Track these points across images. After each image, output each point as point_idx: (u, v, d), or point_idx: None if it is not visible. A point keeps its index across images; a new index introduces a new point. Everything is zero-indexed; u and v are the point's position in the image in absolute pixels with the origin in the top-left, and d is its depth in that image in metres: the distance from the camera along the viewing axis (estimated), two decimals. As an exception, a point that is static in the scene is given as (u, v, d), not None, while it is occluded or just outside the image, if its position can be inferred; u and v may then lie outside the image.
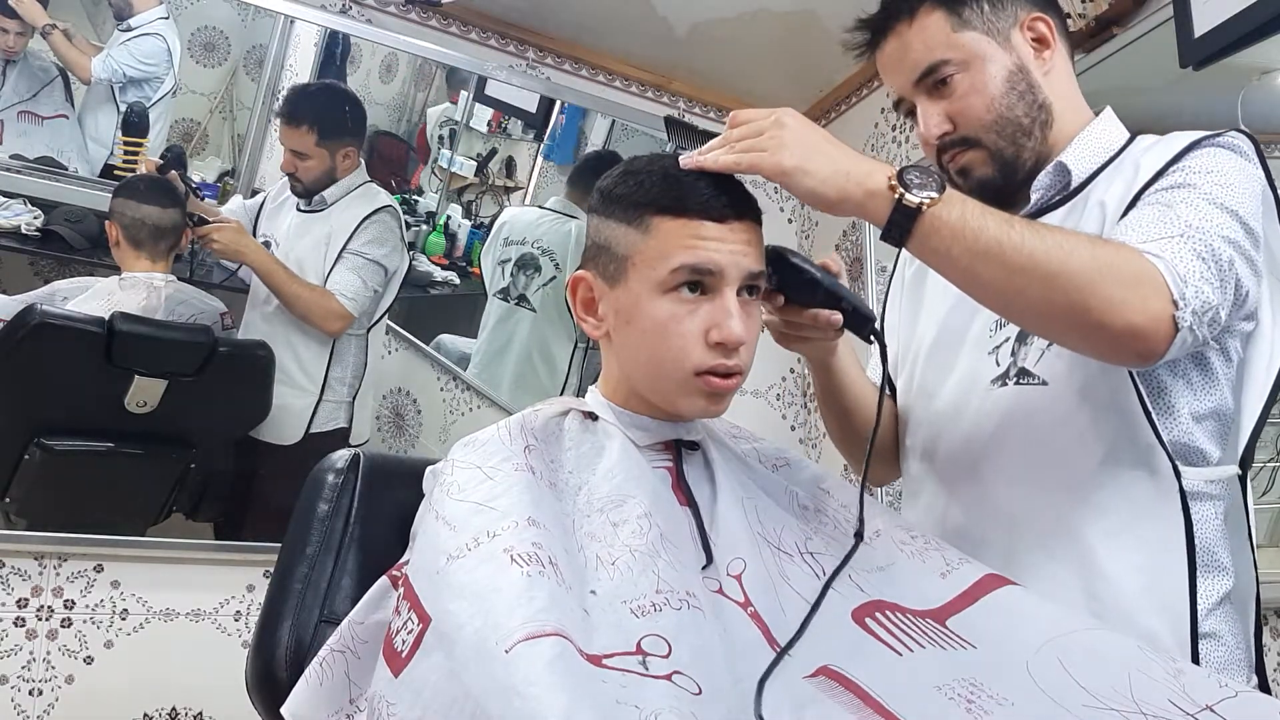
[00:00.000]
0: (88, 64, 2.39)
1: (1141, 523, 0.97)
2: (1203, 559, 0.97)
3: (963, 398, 1.09)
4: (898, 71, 1.09)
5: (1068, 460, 1.00)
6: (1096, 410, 0.98)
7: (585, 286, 0.97)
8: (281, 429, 2.22)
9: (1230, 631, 0.98)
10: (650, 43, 2.43)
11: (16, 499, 1.96)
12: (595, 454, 0.93)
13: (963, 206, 0.87)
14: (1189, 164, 0.95)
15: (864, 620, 0.86)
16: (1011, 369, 1.04)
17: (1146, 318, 0.84)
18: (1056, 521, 1.00)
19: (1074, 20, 1.81)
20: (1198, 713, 0.72)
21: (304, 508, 1.04)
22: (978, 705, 0.75)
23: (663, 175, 0.93)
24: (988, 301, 0.91)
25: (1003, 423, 1.04)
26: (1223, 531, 0.99)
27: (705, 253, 0.89)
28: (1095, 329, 0.85)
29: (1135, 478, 0.97)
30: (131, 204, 2.04)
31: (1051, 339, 0.95)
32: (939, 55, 1.05)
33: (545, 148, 3.32)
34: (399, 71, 2.95)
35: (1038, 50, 1.07)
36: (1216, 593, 0.97)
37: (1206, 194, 0.91)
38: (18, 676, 1.87)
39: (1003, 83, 1.04)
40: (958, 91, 1.05)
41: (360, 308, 2.22)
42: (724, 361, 0.90)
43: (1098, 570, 0.97)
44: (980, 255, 0.86)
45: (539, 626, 0.70)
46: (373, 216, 2.24)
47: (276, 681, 0.96)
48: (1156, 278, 0.85)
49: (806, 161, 0.88)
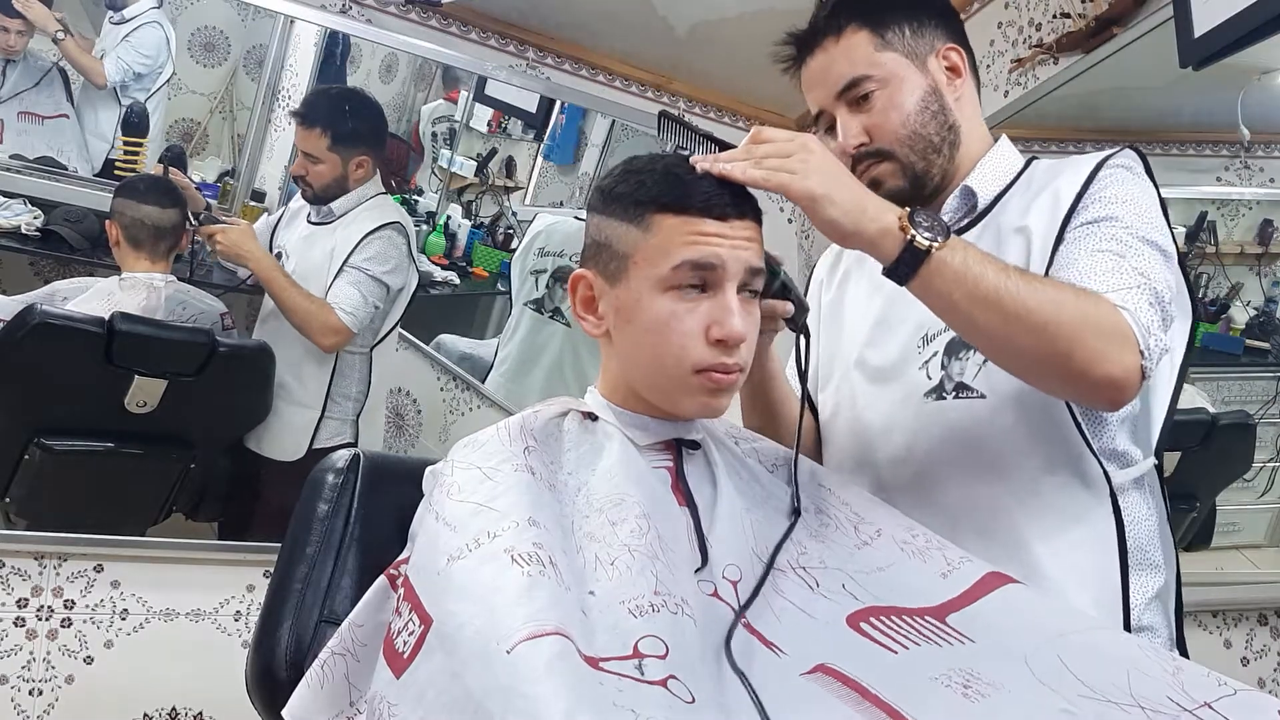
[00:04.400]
0: (101, 68, 2.39)
1: (1077, 525, 1.04)
2: (1136, 557, 1.05)
3: (897, 410, 1.13)
4: (821, 85, 1.14)
5: (1007, 468, 1.06)
6: (1032, 421, 1.05)
7: (585, 285, 0.97)
8: (283, 445, 2.19)
9: (1164, 624, 1.08)
10: (650, 43, 2.43)
11: (16, 499, 1.96)
12: (594, 454, 0.93)
13: (965, 252, 0.92)
14: (1104, 192, 1.04)
15: (859, 625, 0.86)
16: (946, 382, 1.10)
17: (1122, 370, 0.92)
18: (997, 525, 1.06)
19: (1074, 20, 1.81)
20: (1196, 709, 0.72)
21: (304, 508, 1.04)
22: (974, 690, 0.76)
23: (664, 173, 0.93)
24: (978, 342, 0.98)
25: (943, 434, 1.09)
26: (1156, 532, 1.08)
27: (707, 248, 0.89)
28: (1077, 377, 0.92)
29: (1069, 483, 1.05)
30: (131, 204, 2.04)
31: (1030, 381, 1.00)
32: (861, 71, 1.11)
33: (545, 148, 3.32)
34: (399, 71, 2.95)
35: (950, 78, 1.14)
36: (1151, 588, 1.06)
37: (1131, 228, 1.01)
38: (18, 676, 1.87)
39: (917, 102, 1.11)
40: (876, 107, 1.11)
41: (359, 324, 2.13)
42: (724, 360, 0.90)
43: (1039, 570, 1.03)
44: (979, 301, 0.91)
45: (539, 626, 0.70)
46: (378, 232, 2.16)
47: (276, 681, 0.96)
48: (1129, 332, 0.93)
49: (833, 191, 0.92)
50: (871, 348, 1.18)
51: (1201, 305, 2.32)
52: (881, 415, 1.15)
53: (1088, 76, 1.82)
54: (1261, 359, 2.40)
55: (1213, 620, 2.26)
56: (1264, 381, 2.39)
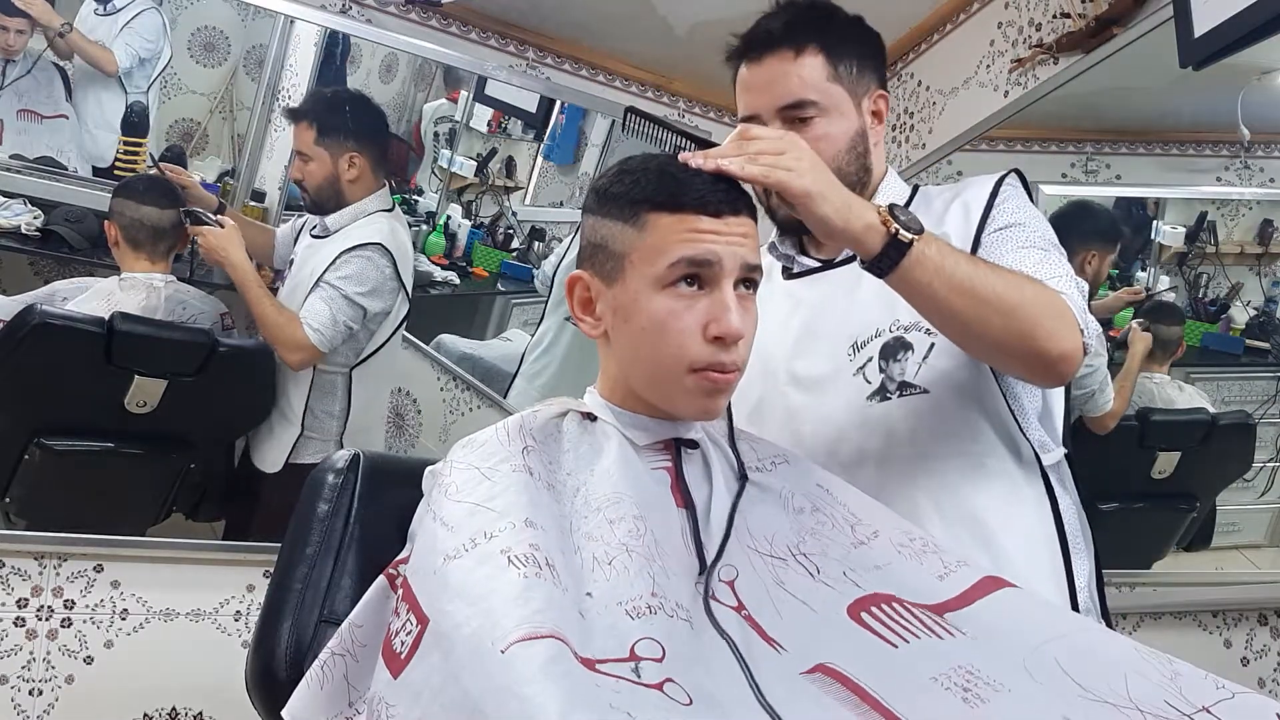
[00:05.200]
0: (111, 56, 2.38)
1: (1022, 502, 1.14)
2: (1072, 542, 1.14)
3: (841, 416, 1.17)
4: (765, 93, 1.18)
5: (957, 453, 1.14)
6: (971, 410, 1.14)
7: (582, 286, 0.97)
8: (264, 455, 2.16)
9: (1094, 607, 1.17)
10: (650, 43, 2.43)
11: (16, 499, 1.96)
12: (593, 454, 0.93)
13: (938, 244, 0.98)
14: (1008, 204, 1.17)
15: (859, 615, 0.86)
16: (889, 384, 1.16)
17: (1070, 345, 1.01)
18: (957, 507, 1.12)
19: (1074, 20, 1.81)
20: (1194, 714, 0.72)
21: (304, 508, 1.04)
22: (974, 693, 0.76)
23: (658, 172, 0.93)
24: (949, 329, 1.04)
25: (892, 431, 1.15)
26: (1078, 517, 1.18)
27: (703, 245, 0.89)
28: (1037, 355, 1.01)
29: (1010, 466, 1.14)
30: (130, 204, 2.04)
31: (993, 361, 1.09)
32: (811, 95, 1.16)
33: (545, 148, 3.32)
34: (399, 71, 2.95)
35: (873, 122, 1.22)
36: (1085, 572, 1.16)
37: (1040, 233, 1.14)
38: (18, 676, 1.87)
39: (847, 139, 1.19)
40: (813, 132, 1.15)
41: (327, 343, 2.03)
42: (722, 358, 0.90)
43: (994, 542, 1.10)
44: (955, 289, 0.98)
45: (535, 628, 0.71)
46: (357, 250, 2.08)
47: (276, 681, 0.96)
48: (1069, 312, 1.03)
49: (825, 189, 0.95)
50: (800, 359, 1.21)
51: (1202, 305, 2.32)
52: (825, 423, 1.18)
53: (1088, 76, 1.82)
54: (1261, 359, 2.41)
55: (1213, 620, 2.26)
56: (1264, 381, 2.39)
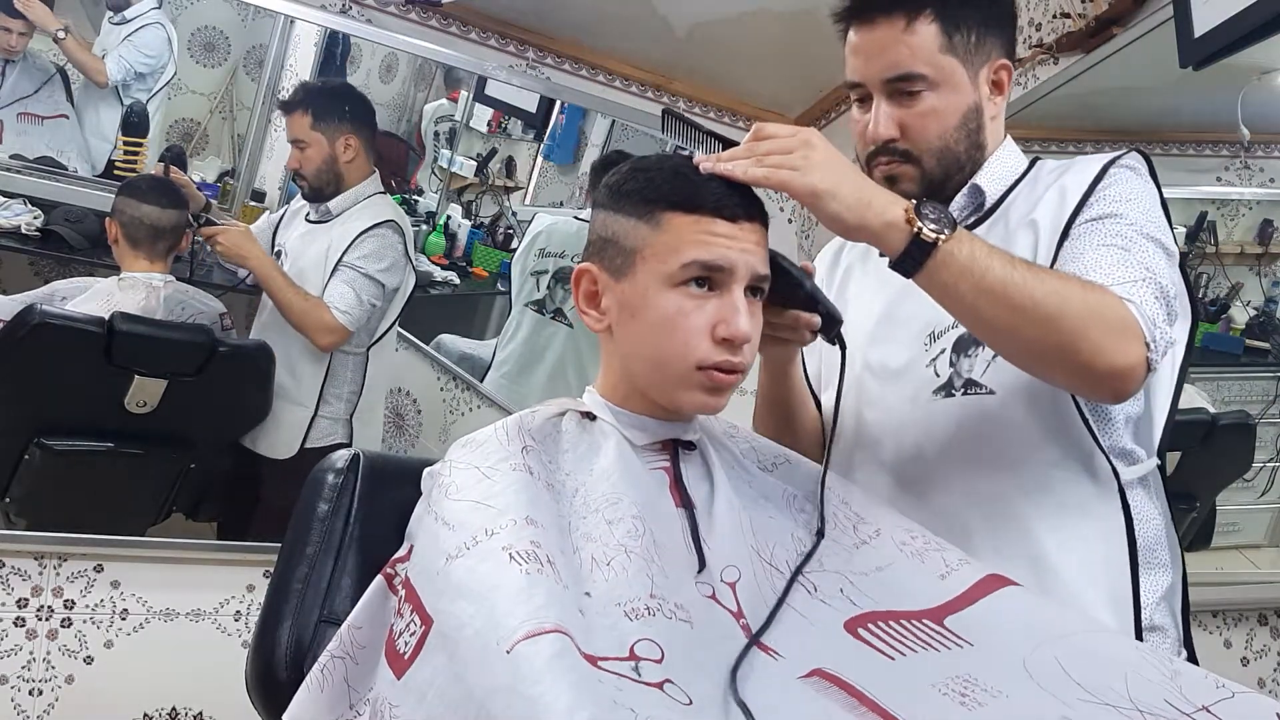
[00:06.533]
0: (103, 67, 2.39)
1: (1087, 519, 1.05)
2: (1145, 557, 1.05)
3: (907, 408, 1.13)
4: (875, 59, 1.10)
5: (1016, 462, 1.06)
6: (1041, 416, 1.05)
7: (589, 279, 0.97)
8: (275, 442, 2.19)
9: (1172, 625, 1.08)
10: (650, 43, 2.43)
11: (16, 499, 1.96)
12: (592, 454, 0.93)
13: (971, 244, 0.92)
14: (1110, 191, 1.05)
15: (856, 630, 0.86)
16: (955, 379, 1.09)
17: (1127, 361, 0.92)
18: (1005, 515, 1.06)
19: (1074, 20, 1.81)
20: (1194, 713, 0.72)
21: (304, 508, 1.04)
22: (971, 698, 0.76)
23: (674, 172, 0.94)
24: (983, 335, 0.98)
25: (954, 431, 1.09)
26: (1164, 532, 1.09)
27: (718, 249, 0.90)
28: (1082, 369, 0.93)
29: (1078, 478, 1.05)
30: (132, 203, 2.04)
31: (1035, 373, 1.00)
32: (920, 69, 1.08)
33: (545, 148, 3.32)
34: (399, 71, 2.96)
35: (992, 93, 1.13)
36: (1160, 588, 1.07)
37: (1136, 225, 1.02)
38: (18, 676, 1.87)
39: (959, 116, 1.10)
40: (920, 107, 1.09)
41: (355, 323, 2.13)
42: (729, 358, 0.90)
43: (1046, 562, 1.03)
44: (985, 293, 0.91)
45: (539, 624, 0.70)
46: (373, 230, 2.16)
47: (276, 681, 0.96)
48: (1135, 325, 0.93)
49: (836, 186, 0.91)
50: (877, 346, 1.17)
51: (1201, 305, 2.32)
52: (889, 414, 1.14)
53: (1088, 76, 1.82)
54: (1261, 359, 2.40)
55: (1213, 620, 2.26)
56: (1264, 381, 2.39)
